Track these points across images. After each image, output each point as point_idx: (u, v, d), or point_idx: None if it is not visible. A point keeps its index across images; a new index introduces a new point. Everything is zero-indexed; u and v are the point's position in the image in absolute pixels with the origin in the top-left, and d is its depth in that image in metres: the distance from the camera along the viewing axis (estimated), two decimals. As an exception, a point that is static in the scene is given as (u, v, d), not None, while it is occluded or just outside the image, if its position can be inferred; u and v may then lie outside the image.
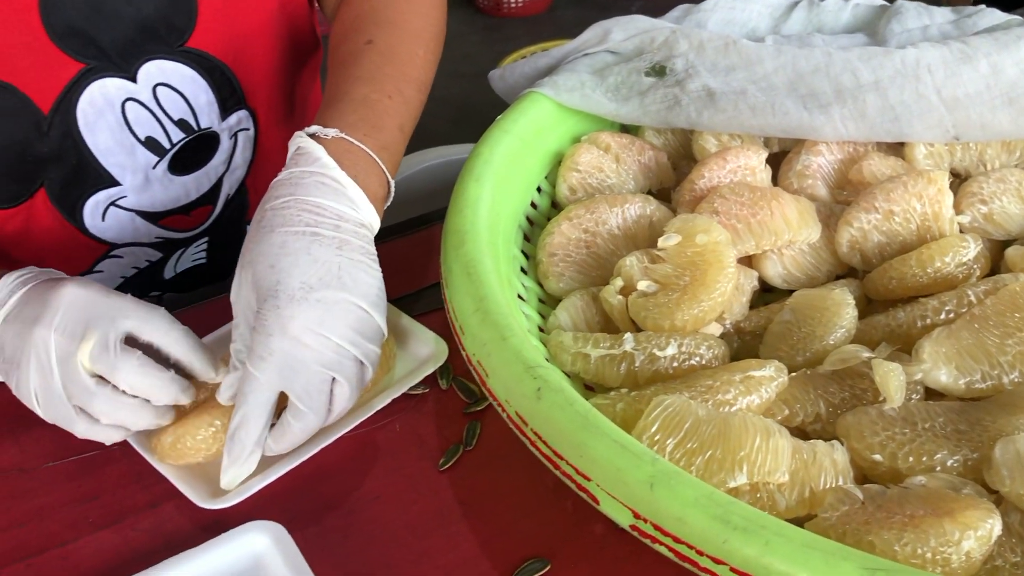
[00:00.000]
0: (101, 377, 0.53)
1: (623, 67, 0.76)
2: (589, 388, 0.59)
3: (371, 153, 0.60)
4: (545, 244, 0.65)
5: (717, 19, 0.85)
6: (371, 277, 0.55)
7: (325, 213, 0.55)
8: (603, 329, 0.62)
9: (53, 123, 0.67)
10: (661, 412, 0.48)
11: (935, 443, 0.49)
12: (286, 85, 0.83)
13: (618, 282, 0.61)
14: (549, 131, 0.73)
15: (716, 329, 0.61)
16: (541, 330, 0.61)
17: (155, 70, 0.71)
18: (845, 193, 0.70)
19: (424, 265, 0.74)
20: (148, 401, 0.54)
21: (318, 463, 0.58)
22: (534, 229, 0.70)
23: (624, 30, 0.80)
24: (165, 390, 0.54)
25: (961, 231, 0.64)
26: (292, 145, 0.60)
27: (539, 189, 0.72)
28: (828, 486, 0.48)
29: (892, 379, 0.50)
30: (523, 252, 0.67)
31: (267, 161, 0.84)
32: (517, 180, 0.69)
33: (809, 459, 0.48)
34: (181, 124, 0.74)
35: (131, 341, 0.54)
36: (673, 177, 0.74)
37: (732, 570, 0.41)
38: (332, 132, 0.59)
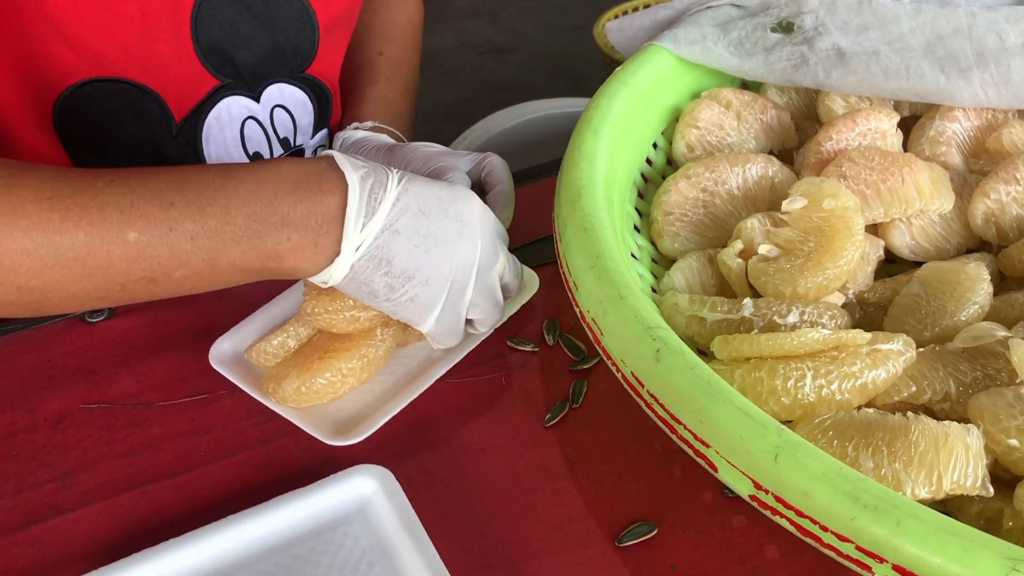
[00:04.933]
0: None
1: (748, 21, 0.73)
2: (701, 353, 0.57)
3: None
4: (661, 202, 0.63)
5: (848, -26, 0.80)
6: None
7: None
8: (718, 292, 0.60)
9: (183, 131, 0.70)
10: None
11: (1076, 431, 0.46)
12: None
13: (737, 244, 0.59)
14: (668, 85, 0.71)
15: (838, 299, 0.58)
16: (653, 290, 0.60)
17: (276, 92, 0.75)
18: (980, 163, 0.66)
19: (533, 219, 0.73)
20: None
21: (424, 411, 0.58)
22: (648, 186, 0.68)
23: (749, -17, 0.77)
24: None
25: (1109, 208, 0.60)
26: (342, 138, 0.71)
27: (655, 145, 0.70)
28: (959, 470, 0.45)
29: (1033, 361, 0.47)
30: (637, 210, 0.66)
31: None
32: (634, 135, 0.67)
33: (940, 440, 0.46)
34: (283, 142, 0.78)
35: None
36: (796, 138, 0.71)
37: (859, 548, 0.39)
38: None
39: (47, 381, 0.62)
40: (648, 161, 0.69)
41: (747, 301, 0.55)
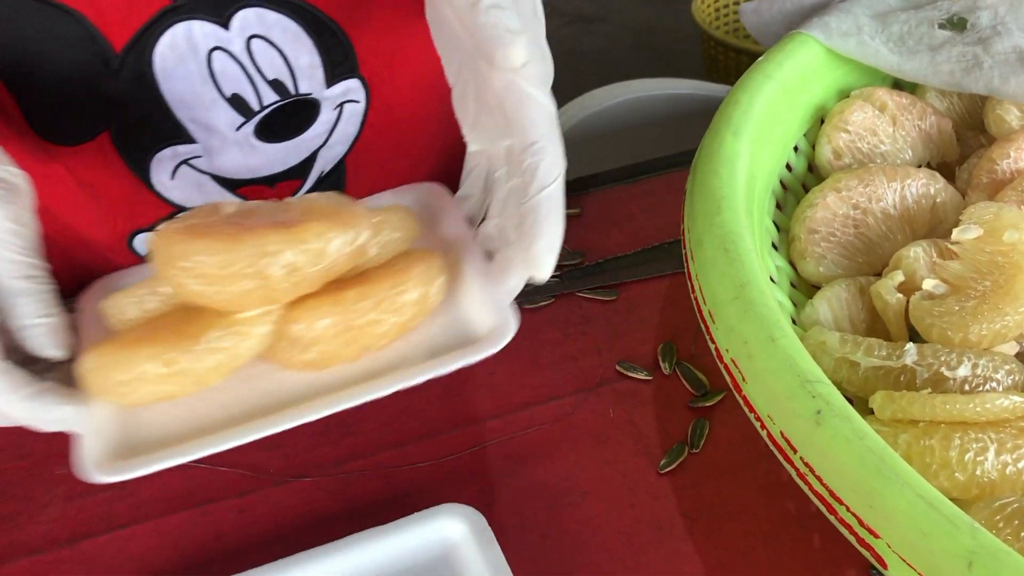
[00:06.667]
0: None
1: (912, 15, 0.64)
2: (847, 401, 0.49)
3: None
4: (805, 217, 0.55)
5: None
6: None
7: None
8: (868, 329, 0.52)
9: (125, 63, 0.58)
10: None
11: None
12: (410, 56, 0.68)
13: (897, 276, 0.50)
14: (814, 81, 0.62)
15: (1012, 348, 0.50)
16: (793, 321, 0.52)
17: (253, 18, 0.59)
18: None
19: (643, 221, 0.65)
20: None
21: (519, 441, 0.51)
22: (786, 195, 0.60)
23: (912, -33, 0.68)
24: None
25: None
26: None
27: (795, 148, 0.62)
28: None
29: None
30: (774, 223, 0.58)
31: (376, 141, 0.71)
32: (775, 136, 0.58)
33: None
34: (275, 85, 0.63)
35: None
36: (957, 150, 0.62)
37: None
38: None
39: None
40: (787, 167, 0.61)
41: (910, 347, 0.47)
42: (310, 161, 0.69)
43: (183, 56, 0.59)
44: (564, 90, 1.36)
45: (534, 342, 0.57)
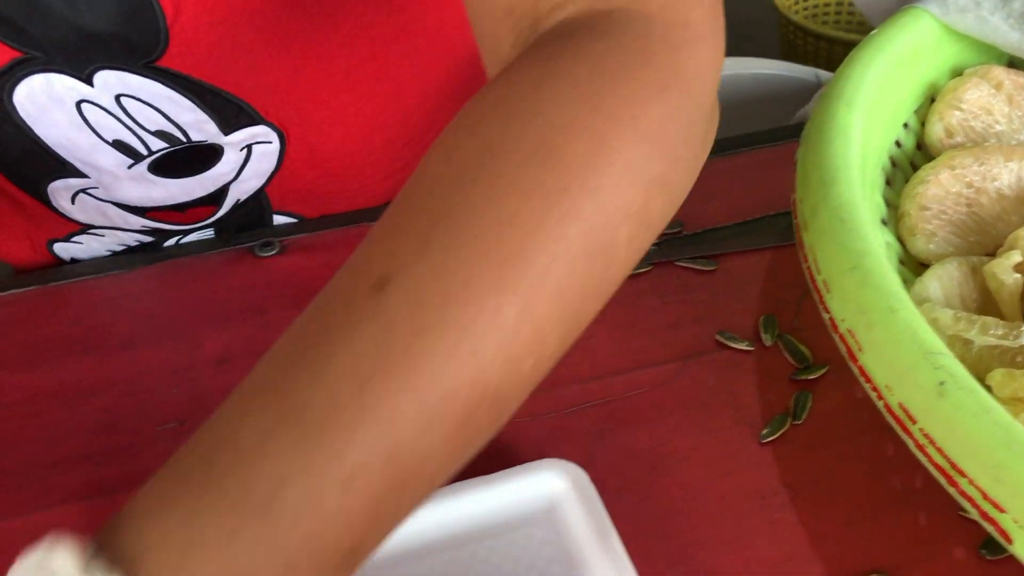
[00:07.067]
0: None
1: (1033, -11, 0.62)
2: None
3: None
4: (916, 194, 0.54)
5: None
6: None
7: None
8: (980, 309, 0.51)
9: None
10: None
11: None
12: (331, 104, 0.62)
13: (1014, 256, 0.49)
14: (927, 57, 0.61)
15: None
16: (902, 298, 0.51)
17: (115, 81, 0.53)
18: None
19: (739, 195, 0.64)
20: None
21: (618, 405, 0.51)
22: (895, 172, 0.59)
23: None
24: None
25: None
26: None
27: (905, 125, 0.61)
28: None
29: None
30: (884, 199, 0.57)
31: (300, 172, 0.64)
32: (886, 111, 0.57)
33: None
34: (162, 136, 0.57)
35: None
36: (1074, 133, 0.60)
37: None
38: None
39: (211, 316, 0.58)
40: (896, 144, 0.60)
41: (1028, 327, 0.46)
42: (222, 192, 0.64)
43: (45, 106, 0.54)
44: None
45: (632, 308, 0.57)
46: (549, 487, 0.46)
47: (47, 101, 0.54)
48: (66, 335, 0.58)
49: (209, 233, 0.68)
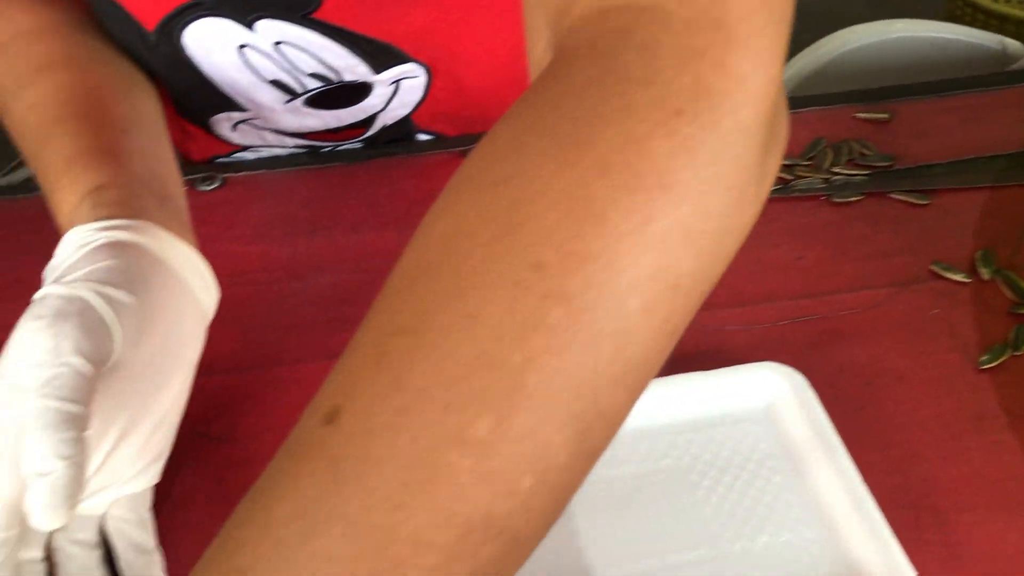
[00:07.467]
0: None
1: None
2: None
3: None
4: None
5: None
6: None
7: None
8: None
9: (159, 43, 0.59)
10: None
11: None
12: (476, 37, 0.64)
13: None
14: None
15: None
16: None
17: (274, 29, 0.58)
18: None
19: (955, 135, 0.64)
20: None
21: (832, 323, 0.52)
22: None
23: None
24: None
25: None
26: None
27: None
28: None
29: None
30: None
31: (445, 100, 0.68)
32: None
33: None
34: (316, 76, 0.62)
35: None
36: None
37: None
38: None
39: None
40: None
41: None
42: (371, 119, 0.68)
43: (211, 48, 0.59)
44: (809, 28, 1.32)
45: (842, 234, 0.57)
46: (768, 387, 0.47)
47: (212, 43, 0.59)
48: (295, 215, 0.62)
49: (357, 146, 0.73)
